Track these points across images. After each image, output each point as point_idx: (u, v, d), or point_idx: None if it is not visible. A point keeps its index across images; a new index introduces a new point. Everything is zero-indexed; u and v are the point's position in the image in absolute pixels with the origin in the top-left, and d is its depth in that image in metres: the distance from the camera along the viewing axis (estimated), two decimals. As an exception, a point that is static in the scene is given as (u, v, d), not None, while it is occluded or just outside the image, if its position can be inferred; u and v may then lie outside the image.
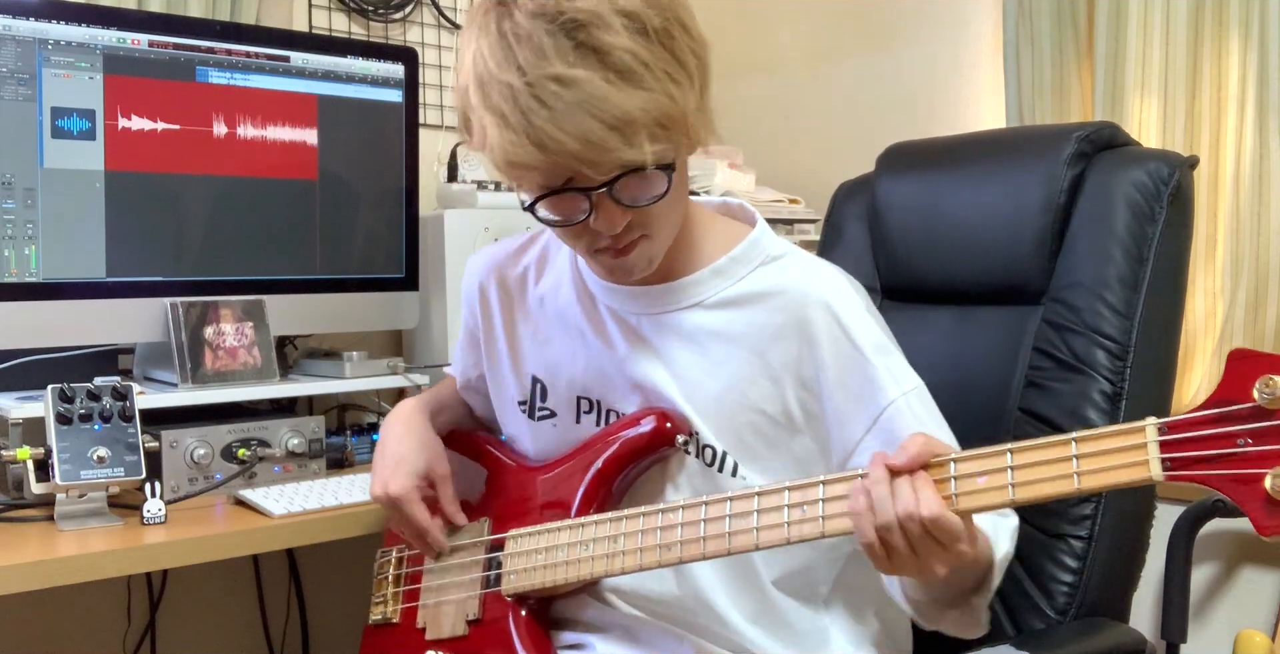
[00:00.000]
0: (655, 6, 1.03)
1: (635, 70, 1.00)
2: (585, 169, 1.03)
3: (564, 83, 0.99)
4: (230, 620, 2.15)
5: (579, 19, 0.99)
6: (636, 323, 1.22)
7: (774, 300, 1.17)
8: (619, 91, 0.99)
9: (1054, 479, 0.91)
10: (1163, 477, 0.87)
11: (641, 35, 1.01)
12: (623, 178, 1.04)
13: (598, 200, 1.06)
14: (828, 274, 1.20)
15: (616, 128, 0.99)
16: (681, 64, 1.04)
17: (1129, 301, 1.31)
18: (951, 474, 0.96)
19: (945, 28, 2.39)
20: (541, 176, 1.05)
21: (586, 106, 0.98)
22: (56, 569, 1.35)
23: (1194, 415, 0.86)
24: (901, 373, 1.15)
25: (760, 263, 1.20)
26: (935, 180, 1.52)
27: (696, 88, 1.06)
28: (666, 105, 1.01)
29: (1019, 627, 1.30)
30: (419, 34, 2.34)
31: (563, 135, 0.99)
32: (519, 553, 1.23)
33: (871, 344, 1.14)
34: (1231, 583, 2.01)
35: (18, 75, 1.58)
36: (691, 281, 1.20)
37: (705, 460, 1.18)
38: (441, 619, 1.29)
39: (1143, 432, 0.88)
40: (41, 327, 1.64)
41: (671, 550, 1.10)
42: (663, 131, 1.02)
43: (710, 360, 1.18)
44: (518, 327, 1.32)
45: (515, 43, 1.01)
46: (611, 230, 1.08)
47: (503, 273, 1.34)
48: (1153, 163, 1.35)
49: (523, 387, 1.31)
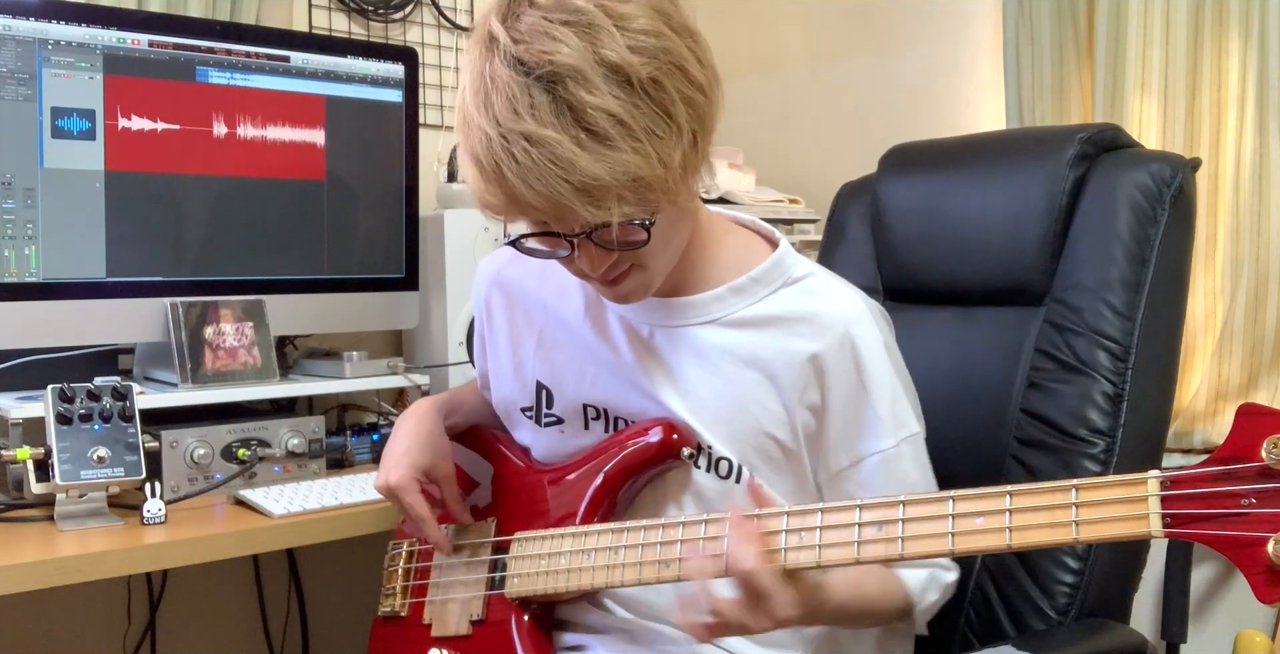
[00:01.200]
0: (644, 53, 0.98)
1: (609, 132, 0.96)
2: (553, 225, 1.03)
3: (533, 142, 0.96)
4: (230, 620, 2.15)
5: (558, 72, 0.96)
6: (648, 333, 1.20)
7: (793, 326, 1.16)
8: (588, 154, 0.96)
9: (1052, 526, 0.89)
10: (1162, 533, 0.85)
11: (624, 88, 0.97)
12: (597, 230, 1.02)
13: (579, 243, 1.05)
14: (853, 303, 1.17)
15: (584, 191, 0.97)
16: (668, 116, 0.99)
17: (1131, 303, 1.31)
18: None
19: (945, 28, 2.39)
20: (513, 219, 1.05)
21: (554, 168, 0.96)
22: (56, 569, 1.35)
23: (1198, 471, 0.84)
24: (904, 419, 1.15)
25: (782, 284, 1.19)
26: (938, 181, 1.51)
27: (686, 137, 1.01)
28: (640, 167, 0.98)
29: (1020, 627, 1.30)
30: (419, 34, 2.34)
31: (530, 193, 0.98)
32: (523, 557, 1.23)
33: (882, 384, 1.14)
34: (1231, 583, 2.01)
35: (18, 75, 1.58)
36: (710, 298, 1.18)
37: (720, 473, 1.17)
38: (447, 617, 1.29)
39: (1144, 484, 0.86)
40: (41, 326, 1.64)
41: (670, 568, 1.09)
42: (634, 194, 0.99)
43: (721, 379, 1.17)
44: (521, 332, 1.31)
45: (492, 89, 0.98)
46: (595, 271, 1.08)
47: (506, 278, 1.34)
48: (1155, 164, 1.35)
49: (527, 393, 1.30)
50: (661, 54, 0.99)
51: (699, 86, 1.02)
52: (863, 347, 1.14)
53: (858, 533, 0.97)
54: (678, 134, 1.01)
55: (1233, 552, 0.82)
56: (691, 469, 1.19)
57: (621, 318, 1.22)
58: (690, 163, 1.04)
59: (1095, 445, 1.29)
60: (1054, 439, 1.31)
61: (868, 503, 0.98)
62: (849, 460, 1.15)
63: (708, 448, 1.17)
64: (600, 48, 0.97)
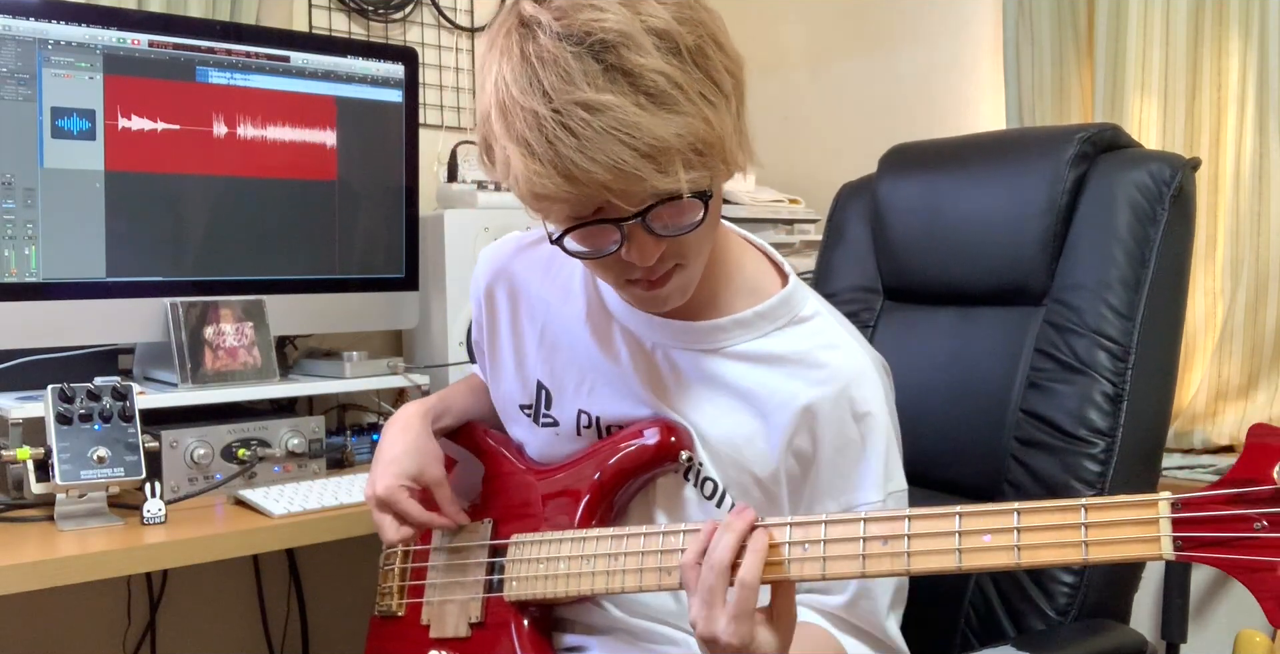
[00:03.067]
0: (688, 23, 0.97)
1: (668, 93, 0.95)
2: (616, 199, 0.97)
3: (593, 109, 0.93)
4: (230, 620, 2.15)
5: (607, 40, 0.94)
6: (650, 348, 1.19)
7: (794, 368, 1.14)
8: (651, 117, 0.94)
9: (1061, 546, 0.87)
10: (1174, 557, 0.84)
11: (674, 55, 0.96)
12: (656, 207, 0.99)
13: (630, 231, 1.01)
14: (858, 359, 1.14)
15: (650, 155, 0.94)
16: (717, 84, 0.98)
17: (1131, 303, 1.31)
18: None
19: (945, 28, 2.39)
20: (570, 208, 1.00)
21: (617, 134, 0.93)
22: (56, 569, 1.35)
23: (1210, 494, 0.82)
24: (892, 475, 1.13)
25: (788, 322, 1.17)
26: (937, 181, 1.51)
27: (733, 108, 1.00)
28: (702, 130, 0.96)
29: (1020, 627, 1.30)
30: (419, 34, 2.34)
31: (592, 165, 0.94)
32: (521, 560, 1.22)
33: (878, 440, 1.12)
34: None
35: (18, 75, 1.58)
36: (713, 327, 1.16)
37: (704, 493, 1.16)
38: (445, 618, 1.29)
39: (1155, 506, 0.84)
40: (41, 326, 1.64)
41: (670, 575, 1.08)
42: (698, 158, 0.97)
43: (715, 408, 1.15)
44: (524, 328, 1.30)
45: (540, 67, 0.95)
46: (645, 262, 1.03)
47: (510, 270, 1.31)
48: (1154, 164, 1.35)
49: (528, 391, 1.30)
50: (701, 26, 0.99)
51: (734, 59, 1.02)
52: (863, 404, 1.12)
53: (863, 547, 0.96)
54: (726, 101, 1.00)
55: (1245, 576, 0.81)
56: (683, 483, 1.18)
57: (625, 330, 1.21)
58: (742, 131, 1.03)
59: (1095, 445, 1.29)
60: (1054, 439, 1.31)
61: (873, 517, 0.96)
62: (836, 509, 1.12)
63: (699, 464, 1.16)
64: (646, 16, 0.96)
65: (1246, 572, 0.81)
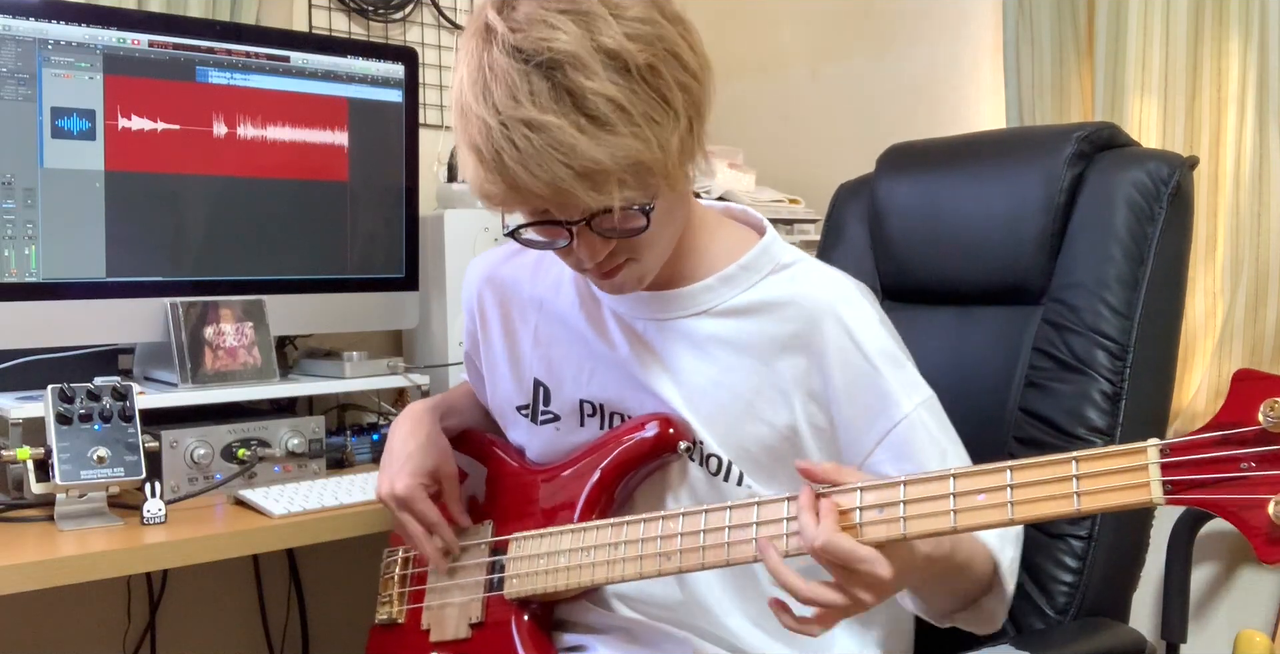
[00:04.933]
0: (640, 40, 1.00)
1: (609, 116, 0.98)
2: (555, 211, 1.03)
3: (534, 128, 0.97)
4: (230, 620, 2.15)
5: (556, 59, 0.98)
6: (642, 328, 1.21)
7: (784, 310, 1.16)
8: (590, 139, 0.97)
9: (1054, 499, 0.89)
10: (1164, 500, 0.85)
11: (622, 74, 0.99)
12: (597, 217, 1.03)
13: (578, 231, 1.05)
14: (839, 283, 1.18)
15: (585, 176, 0.98)
16: (665, 102, 1.01)
17: (1129, 302, 1.31)
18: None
19: (945, 28, 2.39)
20: (518, 209, 1.06)
21: (555, 153, 0.97)
22: (56, 569, 1.35)
23: (1197, 437, 0.84)
24: (913, 385, 1.14)
25: (770, 271, 1.19)
26: (935, 181, 1.52)
27: (683, 123, 1.03)
28: (640, 152, 0.99)
29: (1019, 626, 1.30)
30: (419, 34, 2.34)
31: (531, 179, 0.99)
32: (521, 557, 1.23)
33: (882, 355, 1.13)
34: (1231, 583, 2.01)
35: (18, 75, 1.58)
36: (700, 289, 1.19)
37: (710, 469, 1.17)
38: (445, 621, 1.29)
39: (1144, 453, 0.86)
40: (41, 327, 1.64)
41: (671, 560, 1.09)
42: (634, 178, 1.00)
43: (717, 368, 1.17)
44: (517, 331, 1.31)
45: (491, 79, 0.99)
46: (593, 259, 1.08)
47: (499, 277, 1.34)
48: (1152, 163, 1.35)
49: (524, 391, 1.30)
50: (657, 41, 1.01)
51: (692, 73, 1.04)
52: (855, 323, 1.14)
53: (859, 516, 0.97)
54: (674, 119, 1.02)
55: (1234, 515, 0.83)
56: (689, 465, 1.19)
57: (616, 313, 1.22)
58: (687, 148, 1.05)
59: (1093, 444, 1.28)
60: (1052, 438, 1.31)
61: (868, 484, 0.98)
62: (872, 440, 1.13)
63: (699, 444, 1.17)
64: (597, 35, 0.98)
65: (1235, 510, 0.83)
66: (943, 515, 0.94)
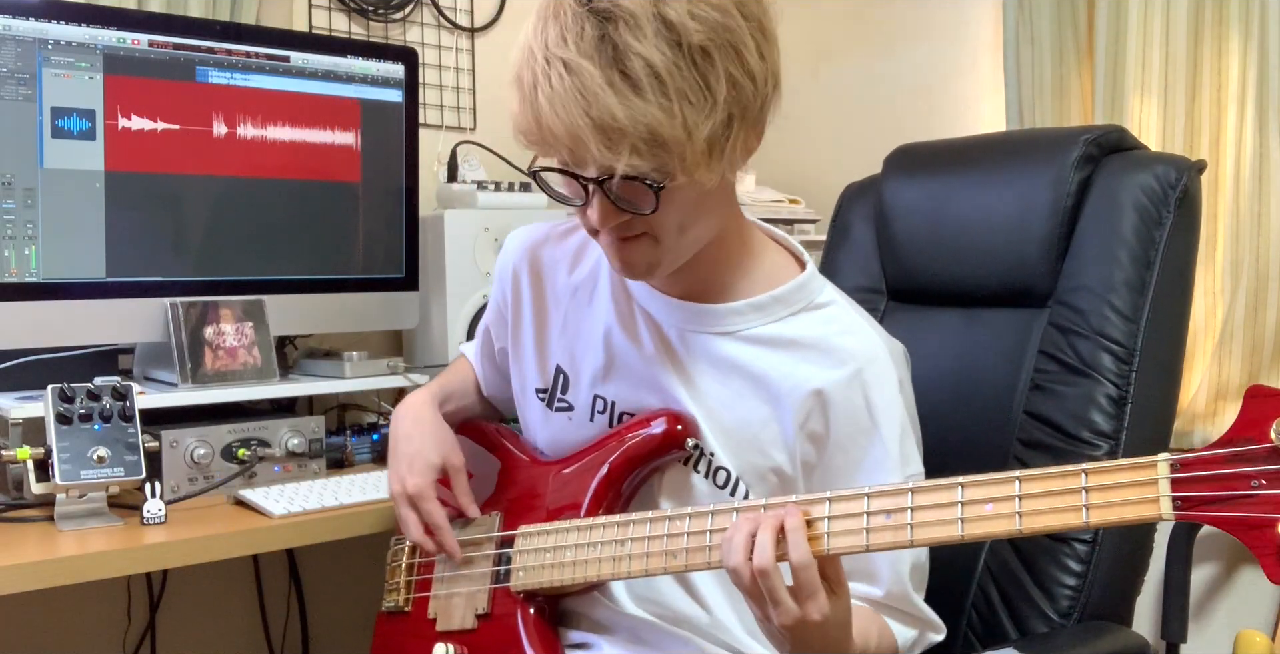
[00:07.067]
0: (704, 23, 0.99)
1: (641, 80, 0.97)
2: (569, 159, 1.04)
3: (570, 69, 0.98)
4: (230, 620, 2.15)
5: (615, 14, 0.98)
6: (669, 333, 1.21)
7: (808, 351, 1.16)
8: (616, 95, 0.97)
9: (1062, 511, 0.89)
10: (1174, 516, 0.85)
11: (672, 46, 0.98)
12: (610, 181, 1.02)
13: (592, 190, 1.06)
14: (873, 343, 1.16)
15: (601, 129, 0.98)
16: (707, 87, 0.99)
17: (1135, 306, 1.31)
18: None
19: (945, 28, 2.39)
20: (543, 151, 1.06)
21: (580, 99, 0.98)
22: (56, 569, 1.35)
23: (1207, 453, 0.84)
24: (908, 457, 1.15)
25: (803, 308, 1.19)
26: (942, 182, 1.51)
27: (719, 116, 1.01)
28: (660, 123, 0.98)
29: (1022, 630, 1.30)
30: (419, 34, 2.33)
31: (555, 119, 1.00)
32: (528, 550, 1.23)
33: (891, 422, 1.13)
34: (1231, 583, 2.01)
35: (18, 75, 1.57)
36: (728, 310, 1.18)
37: (717, 482, 1.18)
38: (452, 611, 1.29)
39: (1154, 467, 0.86)
40: (41, 327, 1.63)
41: (677, 558, 1.09)
42: (648, 149, 0.99)
43: (730, 392, 1.17)
44: (548, 313, 1.31)
45: (551, 16, 1.01)
46: (603, 223, 1.07)
47: (539, 256, 1.33)
48: (1160, 167, 1.35)
49: (545, 375, 1.30)
50: (721, 30, 1.00)
51: (749, 73, 1.03)
52: (875, 384, 1.13)
53: (866, 521, 0.97)
54: (711, 108, 1.00)
55: (1243, 533, 0.82)
56: (690, 473, 1.19)
57: (648, 316, 1.22)
58: (718, 143, 1.02)
59: (1098, 448, 1.29)
60: (1057, 441, 1.31)
61: (876, 491, 0.98)
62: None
63: (710, 454, 1.18)
64: (663, 4, 0.99)
65: (1245, 529, 0.82)
66: (949, 524, 0.93)
